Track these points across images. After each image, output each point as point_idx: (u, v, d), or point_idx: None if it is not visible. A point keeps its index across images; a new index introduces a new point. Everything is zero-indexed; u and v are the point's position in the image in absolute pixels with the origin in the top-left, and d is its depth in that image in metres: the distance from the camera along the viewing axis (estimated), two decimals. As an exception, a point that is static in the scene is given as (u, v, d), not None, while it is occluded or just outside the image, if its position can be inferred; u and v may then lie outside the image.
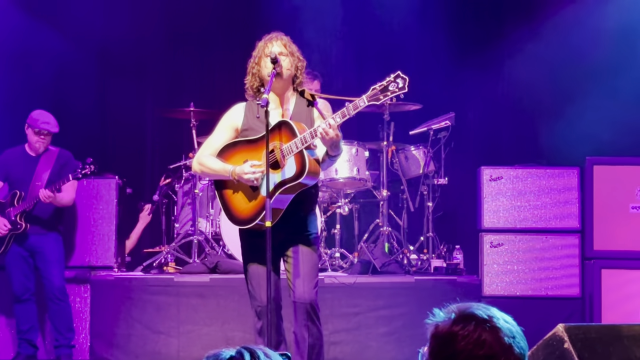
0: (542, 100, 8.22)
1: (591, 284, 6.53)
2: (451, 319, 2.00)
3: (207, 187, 7.27)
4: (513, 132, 8.38)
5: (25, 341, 6.47)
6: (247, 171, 4.44)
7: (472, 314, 2.00)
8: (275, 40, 4.59)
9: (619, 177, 6.64)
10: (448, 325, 1.99)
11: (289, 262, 4.53)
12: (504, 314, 2.03)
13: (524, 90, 8.31)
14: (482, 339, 1.96)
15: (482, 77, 8.31)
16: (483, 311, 2.01)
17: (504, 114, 8.42)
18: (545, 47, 8.08)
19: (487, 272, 6.71)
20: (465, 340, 1.96)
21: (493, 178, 6.85)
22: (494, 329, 1.97)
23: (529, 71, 8.19)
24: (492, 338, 1.96)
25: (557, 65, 8.06)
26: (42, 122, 6.45)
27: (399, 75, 4.35)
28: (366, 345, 6.35)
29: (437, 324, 2.02)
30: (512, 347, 1.97)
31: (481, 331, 1.96)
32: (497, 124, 8.40)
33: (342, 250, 7.13)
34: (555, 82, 8.10)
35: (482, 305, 2.04)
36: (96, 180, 6.98)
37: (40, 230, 6.44)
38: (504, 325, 1.99)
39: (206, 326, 6.39)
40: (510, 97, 8.44)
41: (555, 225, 6.77)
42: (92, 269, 6.91)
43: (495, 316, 2.00)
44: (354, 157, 6.92)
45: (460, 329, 1.98)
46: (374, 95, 4.34)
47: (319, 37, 8.26)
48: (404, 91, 4.32)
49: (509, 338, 1.97)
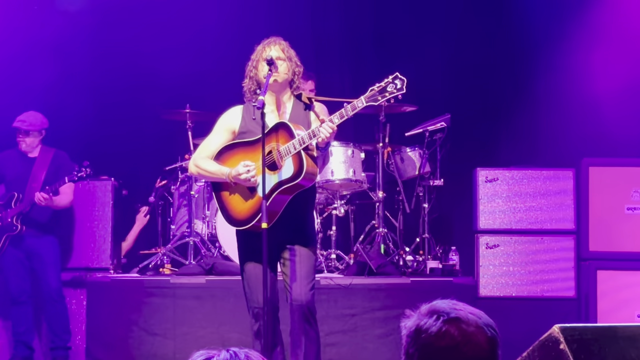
0: (537, 100, 8.23)
1: (587, 285, 6.54)
2: (417, 315, 2.05)
3: (203, 189, 7.27)
4: (508, 133, 8.39)
5: (22, 343, 6.46)
6: (242, 171, 4.45)
7: (435, 309, 2.05)
8: (273, 44, 4.60)
9: (615, 179, 6.65)
10: (414, 323, 2.04)
11: (285, 264, 4.54)
12: (472, 307, 2.06)
13: (519, 91, 8.32)
14: (444, 330, 1.99)
15: (477, 78, 8.33)
16: (447, 305, 2.05)
17: (500, 115, 8.43)
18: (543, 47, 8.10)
19: (483, 273, 6.72)
20: (426, 333, 2.01)
21: (489, 179, 6.86)
22: (456, 319, 2.01)
23: (524, 71, 8.22)
24: (453, 328, 1.99)
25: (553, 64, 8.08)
26: (17, 120, 6.45)
27: (397, 76, 4.35)
28: (362, 346, 6.35)
29: (405, 323, 2.06)
30: (476, 336, 1.99)
31: (443, 323, 2.00)
32: (493, 126, 8.41)
33: (338, 251, 7.13)
34: (550, 82, 8.12)
35: (447, 301, 2.08)
36: (92, 182, 6.98)
37: (37, 232, 6.44)
38: (466, 316, 2.02)
39: (202, 328, 6.39)
40: (506, 97, 8.45)
41: (550, 226, 6.79)
42: (88, 270, 6.92)
43: (457, 309, 2.04)
44: (349, 159, 6.93)
45: (424, 323, 2.02)
46: (372, 97, 4.34)
47: (314, 37, 8.27)
48: (402, 92, 4.33)
49: (471, 328, 1.99)
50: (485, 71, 8.34)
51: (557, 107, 8.12)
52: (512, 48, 8.29)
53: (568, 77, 8.04)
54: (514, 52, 8.28)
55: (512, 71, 8.31)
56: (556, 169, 6.89)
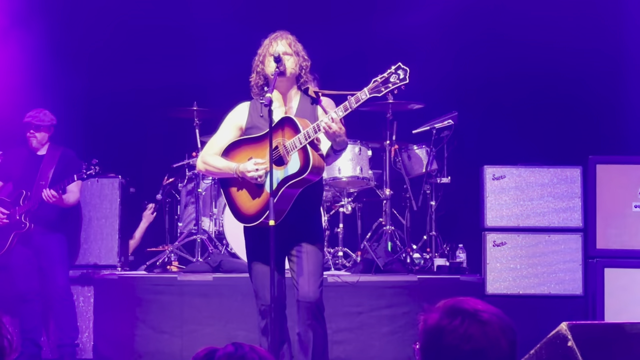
0: (545, 98, 8.22)
1: (594, 283, 6.53)
2: (439, 313, 2.01)
3: (210, 187, 7.28)
4: (516, 131, 8.38)
5: (29, 340, 6.48)
6: (251, 169, 4.45)
7: (459, 308, 2.01)
8: (280, 39, 4.58)
9: (622, 176, 6.63)
10: (436, 320, 2.00)
11: (293, 261, 4.54)
12: (493, 307, 2.04)
13: (527, 88, 8.31)
14: (469, 333, 1.96)
15: (484, 76, 8.32)
16: (470, 305, 2.02)
17: (507, 112, 8.42)
18: (548, 46, 8.08)
19: (490, 270, 6.71)
20: (452, 334, 1.97)
21: (496, 177, 6.85)
22: (481, 322, 1.98)
23: (531, 68, 8.20)
24: (479, 332, 1.97)
25: (560, 63, 8.07)
26: (28, 116, 6.48)
27: (399, 66, 4.33)
28: (369, 344, 6.35)
29: (425, 319, 2.03)
30: (500, 340, 1.97)
31: (468, 325, 1.97)
32: (500, 123, 8.39)
33: (345, 249, 7.14)
34: (558, 80, 8.10)
35: (470, 300, 2.04)
36: (100, 179, 7.00)
37: (45, 229, 6.45)
38: (491, 319, 1.99)
39: (209, 325, 6.40)
40: (513, 94, 8.43)
41: (558, 224, 6.77)
42: (96, 268, 6.94)
43: (482, 310, 2.01)
44: (357, 156, 6.93)
45: (448, 323, 1.99)
46: (376, 88, 4.32)
47: (320, 35, 8.26)
48: (405, 82, 4.30)
49: (496, 332, 1.98)
50: (492, 68, 8.32)
51: (565, 104, 8.11)
52: (519, 45, 8.27)
53: (575, 75, 8.03)
54: (521, 49, 8.26)
55: (519, 68, 8.30)
56: (563, 167, 6.87)
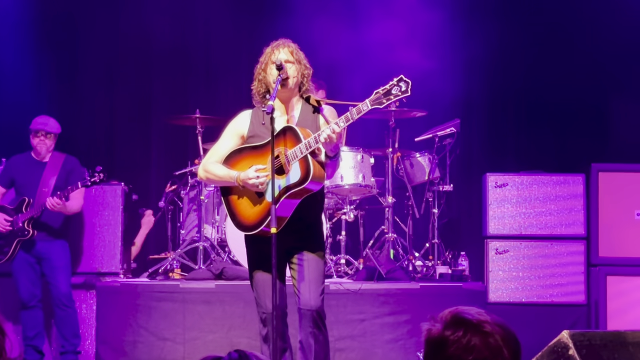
0: (547, 106, 8.23)
1: (596, 291, 6.53)
2: (443, 323, 2.02)
3: (212, 194, 7.29)
4: (518, 139, 8.39)
5: (32, 347, 6.48)
6: (252, 176, 4.44)
7: (463, 318, 2.01)
8: (282, 47, 4.58)
9: (625, 184, 6.64)
10: (439, 330, 2.01)
11: (294, 268, 4.53)
12: (497, 317, 2.04)
13: (529, 95, 8.32)
14: (472, 345, 1.97)
15: (487, 83, 8.33)
16: (474, 316, 2.02)
17: (509, 120, 8.43)
18: (551, 55, 8.10)
19: (492, 278, 6.71)
20: (454, 345, 1.98)
21: (498, 185, 6.86)
22: (483, 333, 1.98)
23: (534, 76, 8.21)
24: (481, 343, 1.97)
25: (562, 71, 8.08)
26: (39, 122, 6.49)
27: (402, 78, 4.33)
28: (371, 352, 6.34)
29: (429, 329, 2.04)
30: (502, 351, 1.98)
31: (471, 336, 1.98)
32: (503, 131, 8.40)
33: (347, 256, 7.14)
34: (561, 88, 8.11)
35: (474, 310, 2.05)
36: (102, 186, 7.01)
37: (47, 236, 6.46)
38: (494, 329, 2.00)
39: (212, 332, 6.40)
40: (515, 102, 8.44)
41: (560, 232, 6.78)
42: (98, 275, 6.94)
43: (485, 321, 2.01)
44: (359, 164, 6.93)
45: (451, 334, 1.99)
46: (377, 99, 4.32)
47: (323, 42, 8.28)
48: (407, 94, 4.29)
49: (498, 342, 1.98)
50: (495, 76, 8.33)
51: (567, 112, 8.12)
52: (521, 53, 8.28)
53: (576, 82, 8.04)
54: (524, 57, 8.27)
55: (522, 76, 8.31)
56: (566, 174, 6.88)
